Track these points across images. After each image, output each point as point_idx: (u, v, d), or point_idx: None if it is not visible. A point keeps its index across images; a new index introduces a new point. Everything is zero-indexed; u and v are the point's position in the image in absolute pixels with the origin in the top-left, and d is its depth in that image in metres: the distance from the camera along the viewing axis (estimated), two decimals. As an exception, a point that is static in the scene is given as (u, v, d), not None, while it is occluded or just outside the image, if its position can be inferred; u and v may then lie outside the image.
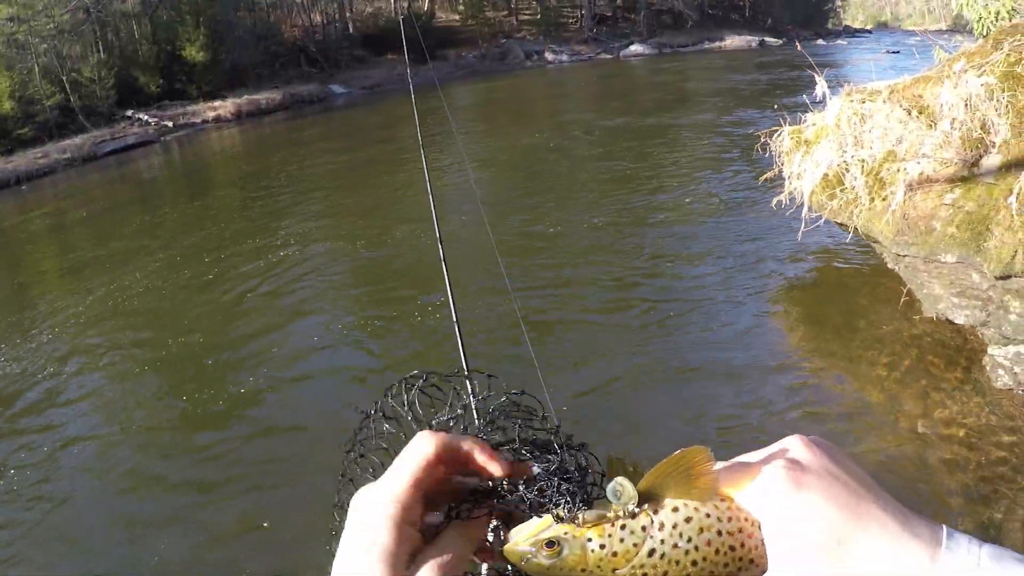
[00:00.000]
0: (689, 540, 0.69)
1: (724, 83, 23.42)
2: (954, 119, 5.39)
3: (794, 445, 0.74)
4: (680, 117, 19.11)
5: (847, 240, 7.52)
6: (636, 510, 0.70)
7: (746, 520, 0.70)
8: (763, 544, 0.70)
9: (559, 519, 0.71)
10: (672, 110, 20.53)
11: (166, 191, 21.49)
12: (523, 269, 9.73)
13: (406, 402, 0.86)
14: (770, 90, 20.41)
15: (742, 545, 0.70)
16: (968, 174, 5.32)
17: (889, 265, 6.75)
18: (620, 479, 0.70)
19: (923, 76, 6.30)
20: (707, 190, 12.16)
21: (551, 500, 0.72)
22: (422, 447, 0.72)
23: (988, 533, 4.60)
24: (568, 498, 0.72)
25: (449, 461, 0.74)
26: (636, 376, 6.98)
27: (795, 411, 6.03)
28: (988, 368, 5.73)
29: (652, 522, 0.69)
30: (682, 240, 10.03)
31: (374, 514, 0.69)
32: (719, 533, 0.69)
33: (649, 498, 0.71)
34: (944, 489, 5.01)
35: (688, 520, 0.69)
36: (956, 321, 5.86)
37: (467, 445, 0.74)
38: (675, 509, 0.70)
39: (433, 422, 0.83)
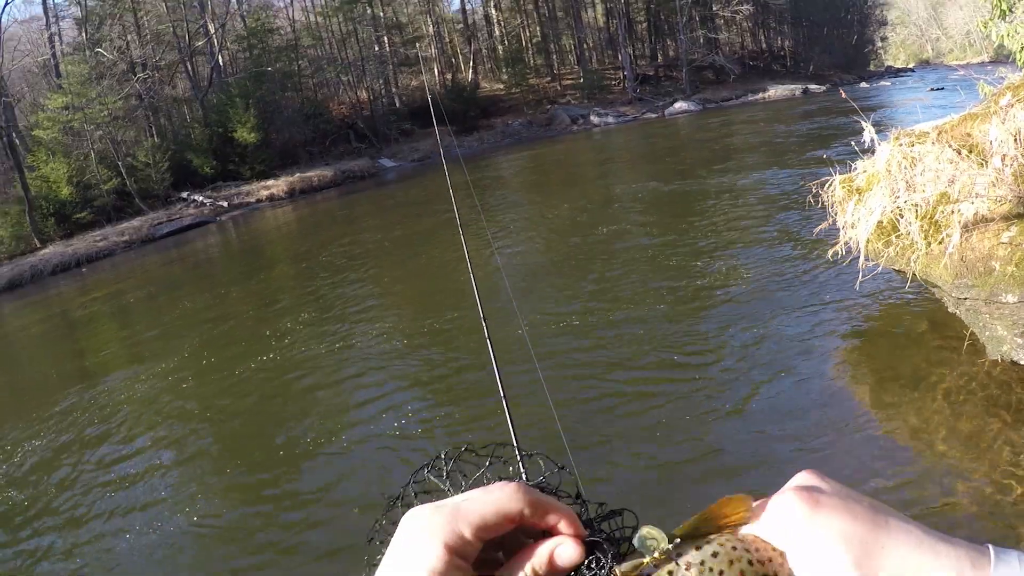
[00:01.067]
0: (721, 574, 0.68)
1: (769, 135, 23.39)
2: (1004, 155, 5.33)
3: (809, 478, 0.73)
4: (726, 174, 19.02)
5: (906, 287, 7.41)
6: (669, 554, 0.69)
7: (773, 550, 0.70)
8: (792, 572, 0.69)
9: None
10: (718, 167, 20.48)
11: (223, 270, 21.98)
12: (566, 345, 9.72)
13: (445, 471, 0.86)
14: (816, 139, 20.30)
15: (775, 574, 0.69)
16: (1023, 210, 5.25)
17: (950, 309, 6.63)
18: (647, 528, 0.70)
19: (970, 114, 6.25)
20: (759, 247, 12.07)
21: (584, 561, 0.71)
22: (509, 500, 0.68)
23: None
24: (598, 554, 0.71)
25: (527, 521, 0.69)
26: (705, 447, 6.87)
27: (864, 469, 5.88)
28: (1058, 410, 5.57)
29: (678, 565, 0.68)
30: (740, 304, 9.90)
31: (425, 533, 0.65)
32: (750, 563, 0.69)
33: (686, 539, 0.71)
34: (1019, 533, 4.84)
35: (715, 555, 0.69)
36: (1022, 363, 5.72)
37: (555, 514, 0.70)
38: (698, 548, 0.69)
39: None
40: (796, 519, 0.67)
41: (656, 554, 0.69)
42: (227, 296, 17.10)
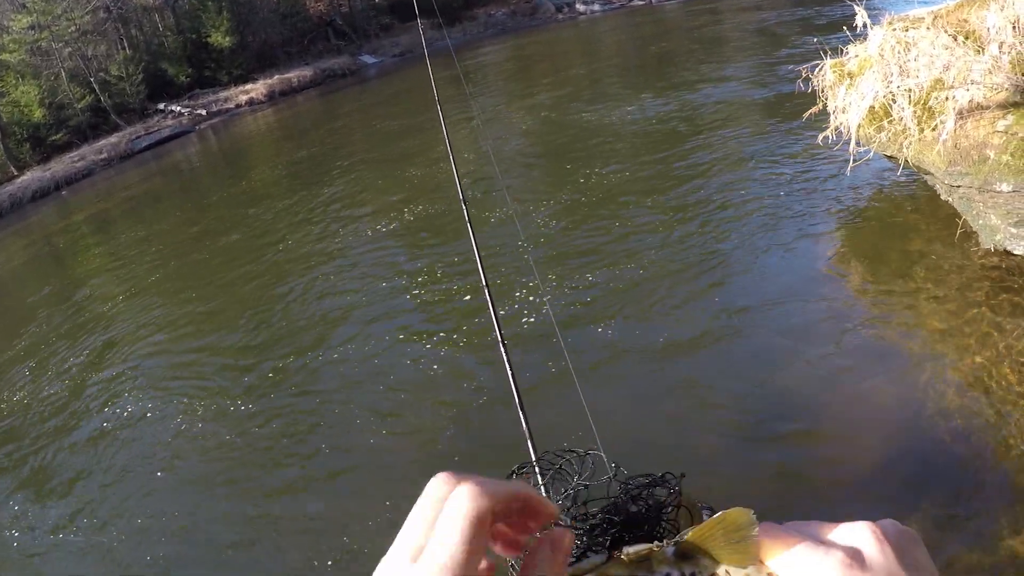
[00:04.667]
0: None
1: (760, 22, 22.72)
2: (1002, 43, 5.11)
3: (864, 537, 0.66)
4: (715, 60, 18.47)
5: (897, 173, 7.28)
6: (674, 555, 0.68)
7: None
8: None
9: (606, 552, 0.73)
10: (706, 54, 19.89)
11: (206, 179, 21.66)
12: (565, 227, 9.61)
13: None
14: (808, 25, 19.74)
15: None
16: (1021, 99, 5.05)
17: (942, 197, 6.50)
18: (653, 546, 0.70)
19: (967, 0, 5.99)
20: (750, 132, 11.82)
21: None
22: (469, 503, 0.62)
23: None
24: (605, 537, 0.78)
25: (504, 513, 0.65)
26: (692, 323, 6.90)
27: (857, 352, 5.88)
28: (1052, 299, 5.51)
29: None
30: (729, 185, 9.77)
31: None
32: None
33: (691, 554, 0.68)
34: (1009, 426, 4.84)
35: None
36: (1015, 252, 5.63)
37: (515, 489, 0.67)
38: (728, 572, 0.66)
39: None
40: None
41: (669, 551, 0.68)
42: (211, 206, 16.91)
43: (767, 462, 5.19)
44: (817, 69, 7.46)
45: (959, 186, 5.75)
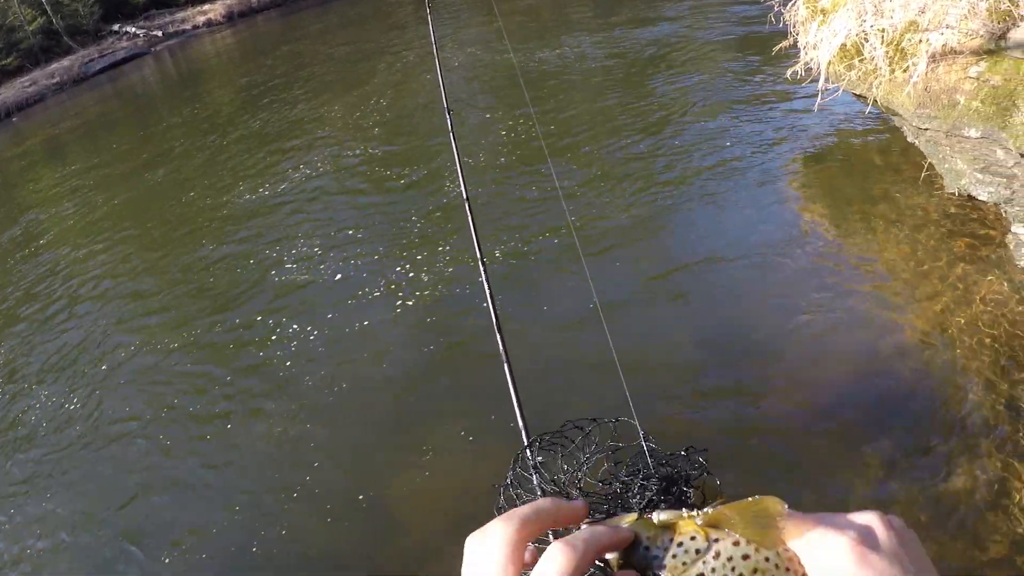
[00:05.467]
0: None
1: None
2: (980, -12, 5.05)
3: (873, 523, 0.73)
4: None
5: (865, 112, 7.26)
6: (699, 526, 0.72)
7: (799, 565, 0.70)
8: None
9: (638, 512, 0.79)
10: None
11: (162, 103, 21.10)
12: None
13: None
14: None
15: None
16: (995, 47, 5.00)
17: (909, 139, 6.49)
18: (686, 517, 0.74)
19: (944, -59, 5.89)
20: (717, 66, 11.67)
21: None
22: (548, 504, 0.79)
23: (1011, 408, 4.57)
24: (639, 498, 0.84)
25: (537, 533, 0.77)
26: (651, 264, 6.92)
27: (817, 292, 5.93)
28: (1012, 246, 5.55)
29: (709, 548, 0.71)
30: (693, 121, 9.69)
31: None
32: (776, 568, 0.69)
33: (717, 525, 0.72)
34: (966, 366, 4.93)
35: (745, 558, 0.70)
36: (979, 198, 5.65)
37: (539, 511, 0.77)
38: (736, 543, 0.71)
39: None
40: (842, 564, 0.68)
41: (694, 520, 0.73)
42: (166, 130, 16.53)
43: (725, 405, 5.25)
44: (790, 4, 7.37)
45: (927, 129, 5.73)
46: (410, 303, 7.21)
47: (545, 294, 6.86)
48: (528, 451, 1.05)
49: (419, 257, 7.94)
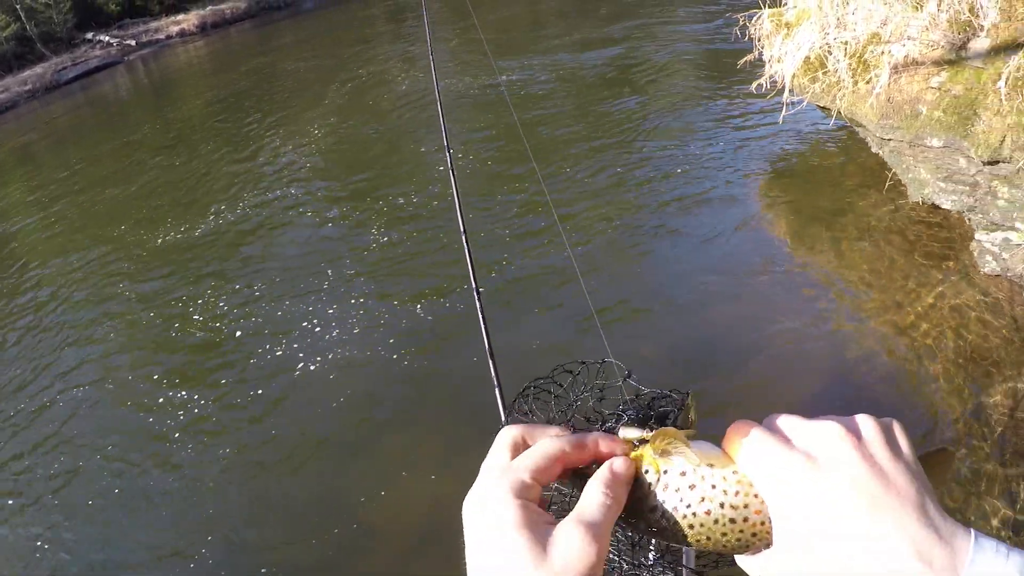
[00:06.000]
0: (688, 506, 0.70)
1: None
2: (941, 1, 5.12)
3: (829, 436, 0.69)
4: (649, 6, 18.33)
5: (830, 124, 7.33)
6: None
7: (754, 496, 0.69)
8: (769, 521, 0.68)
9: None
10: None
11: (134, 112, 20.96)
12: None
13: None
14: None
15: (744, 519, 0.69)
16: (955, 57, 5.08)
17: (873, 149, 6.58)
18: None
19: (906, -45, 5.98)
20: (684, 80, 11.77)
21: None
22: (549, 444, 0.74)
23: (977, 415, 4.61)
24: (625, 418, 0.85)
25: (571, 458, 0.75)
26: (620, 273, 6.95)
27: (784, 304, 5.98)
28: (976, 254, 5.63)
29: (658, 480, 0.72)
30: (659, 132, 9.76)
31: (491, 497, 0.69)
32: (721, 505, 0.69)
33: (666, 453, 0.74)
34: (932, 374, 4.99)
35: (692, 487, 0.70)
36: (943, 206, 5.72)
37: (593, 442, 0.76)
38: (683, 474, 0.71)
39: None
40: (791, 480, 0.67)
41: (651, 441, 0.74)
42: (139, 140, 16.37)
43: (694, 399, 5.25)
44: (755, 18, 7.44)
45: (890, 139, 5.81)
46: (382, 313, 7.20)
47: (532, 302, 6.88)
48: (519, 400, 1.05)
49: (389, 265, 7.94)
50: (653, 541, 0.82)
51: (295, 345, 7.04)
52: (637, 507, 0.72)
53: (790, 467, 0.67)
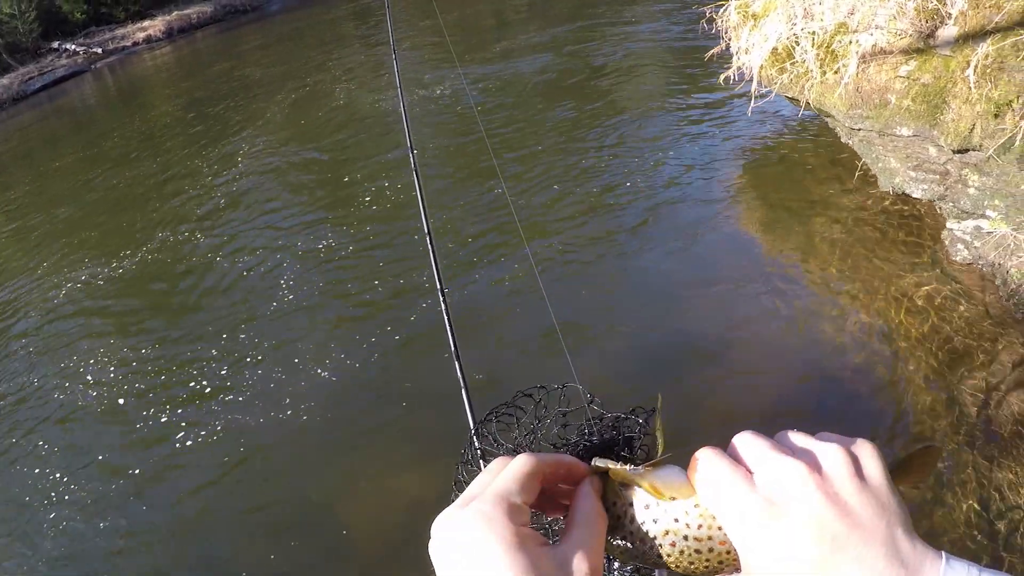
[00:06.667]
0: (654, 538, 0.71)
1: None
2: (907, -12, 5.10)
3: (792, 475, 0.66)
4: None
5: (799, 115, 7.33)
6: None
7: (718, 528, 0.69)
8: (734, 549, 0.68)
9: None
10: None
11: (102, 120, 20.72)
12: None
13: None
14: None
15: (710, 550, 0.70)
16: (923, 46, 5.05)
17: (843, 140, 6.56)
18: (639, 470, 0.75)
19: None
20: (652, 73, 11.73)
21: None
22: (527, 461, 0.73)
23: (951, 404, 4.60)
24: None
25: (552, 475, 0.75)
26: (591, 270, 6.90)
27: (757, 296, 5.95)
28: (947, 243, 5.61)
29: (625, 514, 0.73)
30: (628, 126, 9.71)
31: (487, 526, 0.66)
32: (685, 538, 0.70)
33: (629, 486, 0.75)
34: (905, 362, 4.97)
35: (655, 521, 0.71)
36: (913, 195, 5.70)
37: (563, 459, 0.78)
38: (647, 507, 0.72)
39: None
40: (751, 525, 0.66)
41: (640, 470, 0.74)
42: (107, 149, 16.16)
43: (665, 396, 5.20)
44: (722, 10, 7.41)
45: (859, 129, 5.78)
46: (351, 318, 7.12)
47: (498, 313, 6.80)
48: (481, 427, 1.05)
49: (360, 270, 7.85)
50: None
51: (261, 357, 6.95)
52: (607, 535, 0.73)
53: (750, 510, 0.66)
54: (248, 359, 6.95)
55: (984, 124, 4.54)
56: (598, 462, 0.77)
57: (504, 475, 0.72)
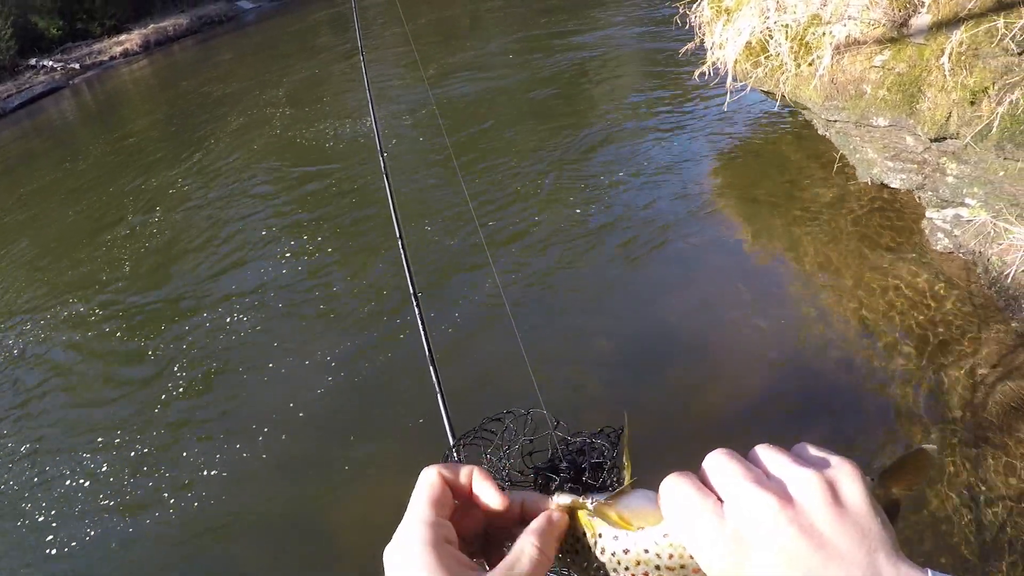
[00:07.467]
0: (627, 568, 0.70)
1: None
2: (878, -22, 5.07)
3: (763, 509, 0.62)
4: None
5: (775, 108, 7.29)
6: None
7: (689, 557, 0.67)
8: None
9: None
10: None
11: (82, 136, 20.54)
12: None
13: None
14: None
15: None
16: (897, 35, 5.01)
17: (820, 131, 6.54)
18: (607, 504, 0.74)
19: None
20: (628, 71, 11.70)
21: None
22: (428, 475, 0.77)
23: (935, 395, 4.57)
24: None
25: (455, 489, 0.77)
26: (571, 264, 6.87)
27: (738, 291, 5.91)
28: (927, 232, 5.58)
29: (596, 545, 0.72)
30: (605, 123, 9.66)
31: (407, 548, 0.70)
32: (657, 568, 0.69)
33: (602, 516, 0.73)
34: (888, 353, 4.94)
35: (626, 551, 0.70)
36: (892, 185, 5.68)
37: (465, 472, 0.78)
38: (616, 537, 0.71)
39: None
40: (719, 554, 0.63)
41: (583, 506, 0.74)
42: (87, 166, 16.04)
43: (649, 397, 5.18)
44: (695, 5, 7.38)
45: (836, 121, 5.75)
46: (333, 325, 7.05)
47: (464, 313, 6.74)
48: (455, 452, 1.05)
49: (341, 276, 7.78)
50: None
51: (240, 368, 6.88)
52: (578, 564, 0.73)
53: (720, 543, 0.63)
54: (229, 369, 6.88)
55: (960, 112, 4.51)
56: (559, 499, 0.76)
57: (413, 498, 0.75)
